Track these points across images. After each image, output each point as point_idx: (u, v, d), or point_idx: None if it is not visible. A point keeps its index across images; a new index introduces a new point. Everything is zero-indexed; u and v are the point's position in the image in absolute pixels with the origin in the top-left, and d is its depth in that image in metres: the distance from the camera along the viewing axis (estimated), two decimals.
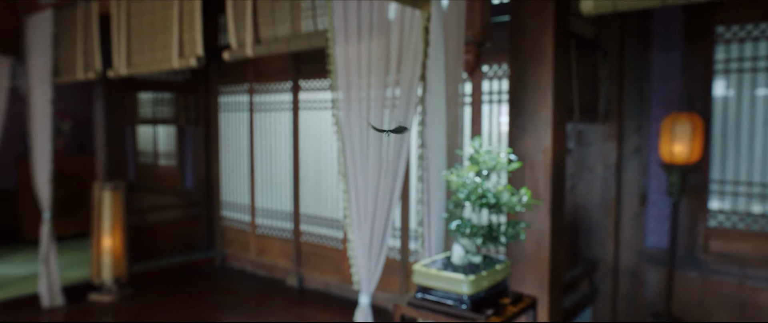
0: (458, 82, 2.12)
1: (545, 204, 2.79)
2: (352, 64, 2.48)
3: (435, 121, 1.97)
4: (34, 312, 4.78)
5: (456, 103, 2.13)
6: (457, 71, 2.10)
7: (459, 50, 2.11)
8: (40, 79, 4.72)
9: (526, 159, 2.82)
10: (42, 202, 4.88)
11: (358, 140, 2.48)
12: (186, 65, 3.43)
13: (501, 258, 1.77)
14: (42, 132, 4.78)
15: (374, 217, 2.45)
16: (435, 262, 1.75)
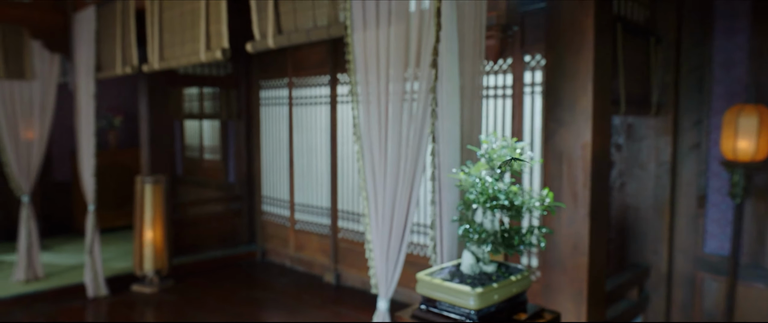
0: (478, 70, 1.92)
1: (584, 205, 2.53)
2: (370, 53, 2.32)
3: (448, 112, 1.78)
4: (80, 301, 4.92)
5: (475, 94, 1.93)
6: (476, 58, 1.90)
7: (479, 34, 1.91)
8: (85, 74, 4.84)
9: (563, 155, 2.57)
10: (86, 195, 5.01)
11: (376, 136, 2.32)
12: (212, 58, 3.38)
13: (519, 268, 1.57)
14: (86, 126, 4.90)
15: (392, 218, 2.29)
16: (442, 270, 1.57)
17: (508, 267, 1.58)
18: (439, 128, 1.84)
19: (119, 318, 4.59)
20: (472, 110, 1.92)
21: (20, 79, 4.94)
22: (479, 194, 1.43)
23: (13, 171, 5.02)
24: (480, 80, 1.94)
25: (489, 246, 1.46)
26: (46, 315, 4.61)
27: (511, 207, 1.47)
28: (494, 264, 1.54)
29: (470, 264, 1.51)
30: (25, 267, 5.08)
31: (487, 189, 1.43)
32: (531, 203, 1.51)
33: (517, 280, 1.49)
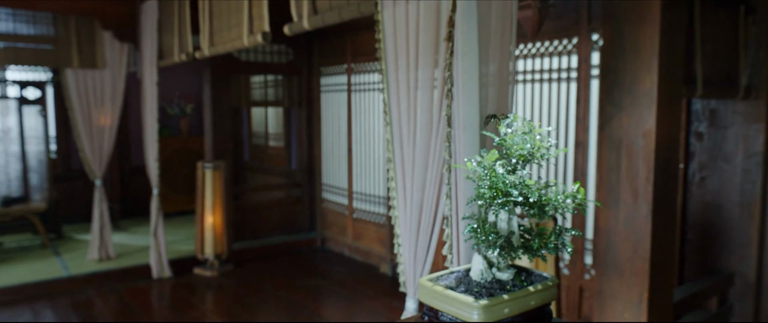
0: (507, 52, 1.66)
1: (645, 202, 2.20)
2: (400, 32, 2.11)
3: (465, 93, 1.54)
4: (145, 281, 5.13)
5: (503, 78, 1.67)
6: (504, 37, 1.64)
7: (508, 10, 1.64)
8: (149, 62, 4.98)
9: (622, 144, 2.24)
10: (151, 179, 5.19)
11: (405, 122, 2.12)
12: (254, 42, 3.31)
13: (543, 276, 1.33)
14: (150, 113, 5.06)
15: (421, 212, 2.09)
16: (449, 275, 1.36)
17: (530, 274, 1.34)
18: (455, 111, 1.61)
19: (178, 299, 4.72)
20: (498, 95, 1.68)
21: (92, 68, 5.18)
22: (488, 188, 1.22)
23: (87, 156, 5.29)
24: (509, 64, 1.68)
25: (495, 250, 1.24)
26: (115, 292, 4.83)
27: (529, 205, 1.24)
28: (511, 270, 1.31)
29: (480, 269, 1.29)
30: (98, 247, 5.36)
31: (496, 182, 1.21)
32: (557, 200, 1.26)
33: (536, 291, 1.25)
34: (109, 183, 7.01)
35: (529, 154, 1.26)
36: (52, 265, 5.28)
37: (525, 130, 1.27)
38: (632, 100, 2.19)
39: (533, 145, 1.26)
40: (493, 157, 1.24)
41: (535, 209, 1.28)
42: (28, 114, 6.23)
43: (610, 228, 2.33)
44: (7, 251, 5.79)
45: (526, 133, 1.27)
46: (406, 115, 2.11)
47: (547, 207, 1.27)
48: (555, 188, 1.31)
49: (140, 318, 4.25)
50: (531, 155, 1.27)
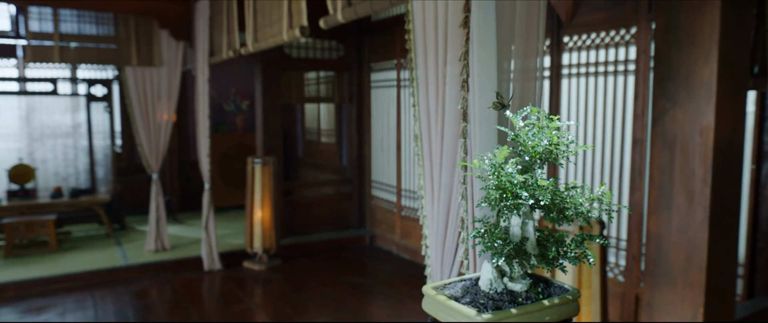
0: (534, 41, 1.51)
1: (702, 207, 1.97)
2: (429, 24, 2.00)
3: (483, 85, 1.41)
4: (196, 273, 5.27)
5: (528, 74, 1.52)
6: (530, 24, 1.49)
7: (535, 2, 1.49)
8: (201, 60, 5.10)
9: (676, 142, 2.03)
10: (203, 174, 5.32)
11: (434, 119, 2.01)
12: (293, 37, 3.28)
13: (564, 288, 1.19)
14: (202, 109, 5.18)
15: (448, 213, 1.97)
16: (456, 284, 1.24)
17: (550, 285, 1.20)
18: (471, 104, 1.48)
19: (225, 292, 4.81)
20: (523, 91, 1.53)
21: (150, 66, 5.37)
22: (495, 189, 1.09)
23: (144, 151, 5.50)
24: (536, 59, 1.53)
25: (499, 259, 1.11)
26: (167, 283, 4.99)
27: (544, 208, 1.10)
28: (526, 280, 1.17)
29: (489, 279, 1.16)
30: (154, 238, 5.57)
31: (504, 182, 1.08)
32: (579, 204, 1.11)
33: (553, 305, 1.11)
34: (169, 177, 7.28)
35: (547, 151, 1.12)
36: (112, 254, 5.53)
37: (540, 125, 1.13)
38: (688, 94, 1.97)
39: (551, 141, 1.12)
40: (503, 154, 1.11)
41: (554, 213, 1.14)
42: (96, 110, 6.57)
43: (661, 235, 2.11)
44: (75, 239, 6.13)
45: (541, 128, 1.13)
46: (434, 110, 1.99)
47: (567, 211, 1.13)
48: (579, 190, 1.16)
49: (188, 309, 4.35)
50: (548, 152, 1.13)
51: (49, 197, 5.97)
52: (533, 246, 1.17)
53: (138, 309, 4.39)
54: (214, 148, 7.47)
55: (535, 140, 1.13)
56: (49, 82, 6.27)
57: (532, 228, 1.16)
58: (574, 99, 3.82)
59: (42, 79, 6.28)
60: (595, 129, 3.69)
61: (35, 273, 4.92)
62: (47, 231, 5.54)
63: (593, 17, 3.61)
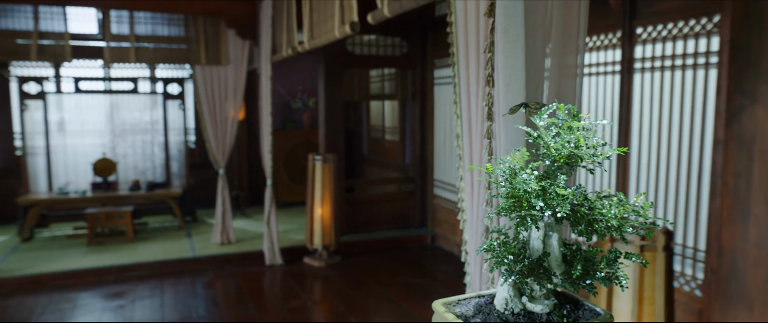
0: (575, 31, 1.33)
1: None
2: (470, 16, 1.87)
3: (509, 81, 1.25)
4: (257, 267, 5.39)
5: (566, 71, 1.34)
6: (569, 12, 1.31)
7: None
8: (265, 58, 5.20)
9: (754, 143, 1.77)
10: (265, 170, 5.42)
11: (474, 118, 1.87)
12: (344, 33, 3.23)
13: (595, 310, 1.03)
14: (265, 106, 5.28)
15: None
16: (471, 300, 1.12)
17: (579, 306, 1.05)
18: (496, 101, 1.33)
19: (284, 287, 4.87)
20: (560, 89, 1.36)
21: (217, 64, 5.55)
22: (506, 197, 0.95)
23: (211, 147, 5.69)
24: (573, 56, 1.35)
25: (510, 276, 0.97)
26: (230, 276, 5.14)
27: (569, 220, 0.95)
28: (549, 301, 1.03)
29: (505, 297, 1.03)
30: (220, 232, 5.76)
31: (518, 189, 0.94)
32: (611, 216, 0.96)
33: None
34: (238, 172, 7.52)
35: (572, 154, 0.97)
36: (182, 246, 5.78)
37: (566, 124, 0.98)
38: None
39: (576, 143, 0.97)
40: (519, 158, 0.98)
41: (582, 226, 0.99)
42: (171, 108, 6.90)
43: (735, 249, 1.86)
44: (150, 230, 6.48)
45: (565, 129, 0.98)
46: (474, 109, 1.86)
47: (597, 224, 0.98)
48: (614, 200, 1.00)
49: (247, 303, 4.44)
50: (574, 156, 0.98)
51: (128, 189, 6.33)
52: (558, 262, 1.03)
53: (200, 300, 4.54)
54: (281, 144, 7.64)
55: (557, 142, 0.98)
56: (130, 81, 6.65)
57: (556, 242, 1.02)
58: (648, 95, 3.50)
59: (123, 78, 6.67)
60: (671, 128, 3.36)
61: (112, 260, 5.22)
62: (125, 222, 5.87)
63: (671, 5, 3.28)
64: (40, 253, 5.46)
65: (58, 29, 5.06)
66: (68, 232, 6.20)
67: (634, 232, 0.98)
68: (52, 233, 6.24)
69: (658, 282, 2.21)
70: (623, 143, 3.69)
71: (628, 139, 3.70)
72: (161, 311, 4.26)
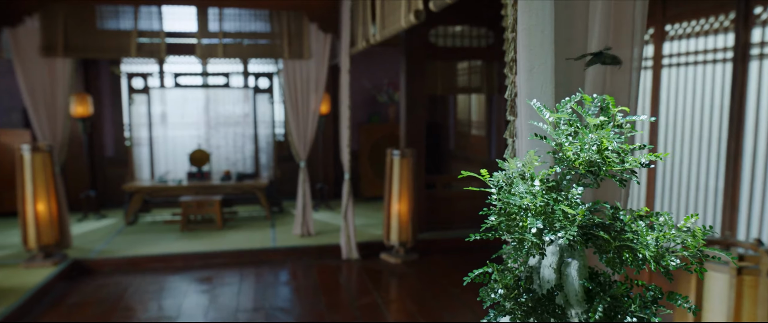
0: (629, 19, 1.05)
1: None
2: None
3: (531, 67, 1.01)
4: (334, 260, 5.40)
5: (620, 54, 1.07)
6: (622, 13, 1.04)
7: None
8: (344, 51, 5.16)
9: None
10: (343, 164, 5.40)
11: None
12: (409, 22, 3.07)
13: None
14: (344, 100, 5.25)
15: None
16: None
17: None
18: (520, 91, 1.09)
19: (357, 282, 4.83)
20: (612, 84, 1.09)
21: (300, 58, 5.61)
22: (497, 214, 0.75)
23: (293, 140, 5.78)
24: (628, 49, 1.08)
25: (500, 316, 0.76)
26: (307, 268, 5.19)
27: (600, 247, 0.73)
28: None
29: None
30: (300, 224, 5.84)
31: (508, 204, 0.73)
32: (642, 241, 0.72)
33: None
34: (322, 165, 7.62)
35: (593, 161, 0.75)
36: (265, 236, 5.94)
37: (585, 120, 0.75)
38: None
39: (600, 146, 0.74)
40: (529, 163, 0.77)
41: (611, 254, 0.76)
42: (261, 101, 7.12)
43: None
44: (239, 219, 6.75)
45: (581, 127, 0.75)
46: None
47: (627, 252, 0.74)
48: (659, 221, 0.75)
49: (319, 296, 4.45)
50: (598, 163, 0.75)
51: (219, 180, 6.64)
52: (578, 298, 0.80)
53: (275, 291, 4.62)
54: (366, 138, 7.63)
55: (574, 145, 0.76)
56: (223, 76, 6.96)
57: (576, 272, 0.80)
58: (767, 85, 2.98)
59: (217, 73, 6.99)
60: None
61: (199, 247, 5.49)
62: (214, 210, 6.15)
63: None
64: (139, 236, 5.88)
65: (155, 28, 5.37)
66: (166, 218, 6.63)
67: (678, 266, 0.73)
68: (153, 218, 6.71)
69: (760, 313, 1.83)
70: (734, 142, 3.19)
71: (741, 137, 3.18)
72: (237, 299, 4.38)
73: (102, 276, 4.93)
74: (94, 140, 7.12)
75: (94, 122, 6.98)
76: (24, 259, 4.91)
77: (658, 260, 0.74)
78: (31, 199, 4.75)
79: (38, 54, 5.06)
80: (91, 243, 5.59)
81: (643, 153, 0.75)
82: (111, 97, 7.28)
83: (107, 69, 7.16)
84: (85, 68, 6.96)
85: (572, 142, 0.76)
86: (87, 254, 5.19)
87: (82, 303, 4.29)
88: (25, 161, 4.73)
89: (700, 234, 0.73)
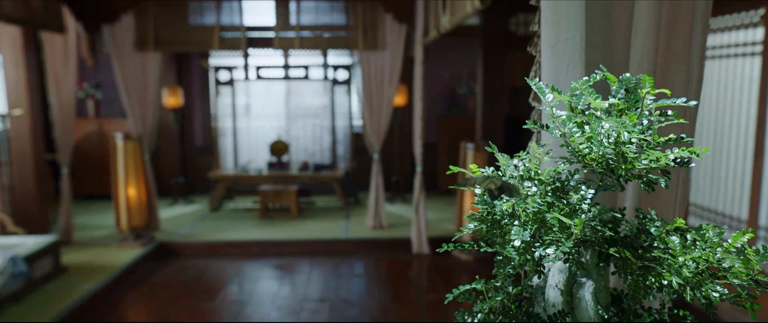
0: (689, 7, 0.84)
1: None
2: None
3: (558, 42, 0.83)
4: (404, 254, 5.32)
5: (675, 46, 0.85)
6: None
7: None
8: (418, 42, 5.04)
9: None
10: (415, 156, 5.30)
11: None
12: (474, 9, 2.89)
13: None
14: (417, 91, 5.14)
15: None
16: None
17: None
18: (544, 73, 0.91)
19: (425, 279, 4.72)
20: (663, 74, 0.88)
21: (374, 49, 5.56)
22: (478, 219, 0.60)
23: (367, 131, 5.76)
24: (687, 41, 0.87)
25: None
26: (377, 260, 5.16)
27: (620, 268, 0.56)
28: None
29: None
30: (373, 216, 5.82)
31: (489, 210, 0.58)
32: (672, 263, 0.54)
33: None
34: (399, 157, 7.55)
35: (605, 157, 0.59)
36: (338, 227, 5.99)
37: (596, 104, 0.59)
38: None
39: (617, 140, 0.57)
40: (535, 158, 0.62)
41: (634, 276, 0.60)
42: (338, 93, 7.18)
43: None
44: (316, 209, 6.86)
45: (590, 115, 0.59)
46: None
47: (653, 275, 0.57)
48: (698, 236, 0.58)
49: (385, 291, 4.40)
50: (610, 158, 0.59)
51: (297, 170, 6.78)
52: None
53: (342, 282, 4.63)
54: (445, 130, 7.46)
55: (583, 136, 0.61)
56: (303, 68, 7.08)
57: (590, 296, 0.64)
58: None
59: (296, 65, 7.13)
60: None
61: (275, 235, 5.63)
62: (290, 200, 6.30)
63: None
64: (220, 223, 6.15)
65: (236, 22, 5.55)
66: (247, 205, 6.89)
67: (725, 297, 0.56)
68: (235, 205, 6.99)
69: None
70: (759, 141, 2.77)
71: None
72: (305, 288, 4.43)
73: (184, 258, 5.20)
74: (185, 130, 7.55)
75: (184, 113, 7.39)
76: (117, 239, 5.29)
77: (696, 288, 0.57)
78: (123, 184, 5.10)
79: (132, 48, 5.40)
80: (177, 227, 5.92)
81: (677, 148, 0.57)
82: (200, 89, 7.67)
83: (197, 63, 7.54)
84: (178, 62, 7.38)
85: (582, 132, 0.61)
86: (172, 237, 5.50)
87: (163, 283, 4.54)
88: (118, 148, 5.08)
89: (754, 258, 0.55)
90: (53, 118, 5.04)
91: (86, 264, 4.65)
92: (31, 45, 4.76)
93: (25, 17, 4.34)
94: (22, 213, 4.81)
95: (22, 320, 3.58)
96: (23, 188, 4.82)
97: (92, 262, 4.71)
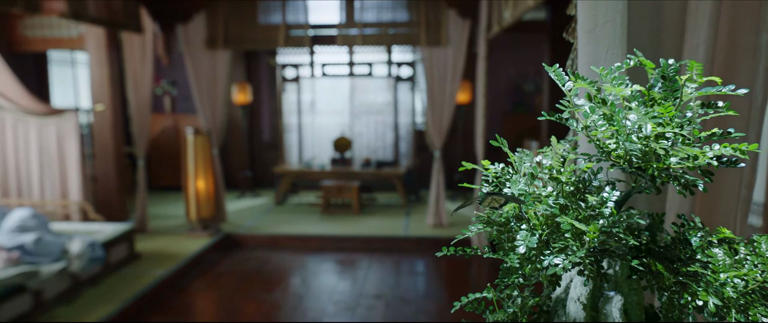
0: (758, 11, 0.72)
1: None
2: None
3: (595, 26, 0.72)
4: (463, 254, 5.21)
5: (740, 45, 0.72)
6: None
7: None
8: (481, 37, 4.92)
9: None
10: (476, 155, 5.17)
11: None
12: (536, 1, 2.76)
13: None
14: (479, 87, 5.01)
15: None
16: None
17: None
18: (581, 61, 0.81)
19: (486, 279, 4.60)
20: (727, 68, 0.76)
21: (437, 45, 5.48)
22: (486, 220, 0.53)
23: (429, 128, 5.69)
24: (754, 34, 0.75)
25: None
26: (437, 259, 5.10)
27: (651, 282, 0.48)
28: None
29: None
30: (433, 214, 5.75)
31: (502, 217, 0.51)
32: (718, 281, 0.46)
33: None
34: (462, 155, 7.42)
35: (630, 154, 0.50)
36: (398, 224, 5.97)
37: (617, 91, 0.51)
38: None
39: (646, 134, 0.49)
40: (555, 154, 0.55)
41: (668, 293, 0.51)
42: (402, 90, 7.15)
43: None
44: (377, 206, 6.88)
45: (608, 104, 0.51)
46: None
47: (688, 293, 0.49)
48: (757, 249, 0.49)
49: (440, 291, 4.33)
50: (633, 156, 0.50)
51: (360, 166, 6.82)
52: None
53: (398, 280, 4.60)
54: (510, 128, 7.26)
55: (606, 130, 0.53)
56: (367, 65, 7.11)
57: (618, 311, 0.57)
58: None
59: (361, 62, 7.17)
60: None
61: (335, 230, 5.70)
62: (352, 195, 6.34)
63: None
64: (284, 216, 6.30)
65: (301, 21, 5.65)
66: (311, 200, 7.02)
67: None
68: (299, 200, 7.15)
69: None
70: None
71: None
72: (362, 284, 4.45)
73: (247, 250, 5.37)
74: (253, 125, 7.79)
75: (253, 109, 7.63)
76: (186, 229, 5.54)
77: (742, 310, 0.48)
78: (192, 177, 5.33)
79: (203, 47, 5.63)
80: (242, 219, 6.13)
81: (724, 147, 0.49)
82: (268, 86, 7.89)
83: (265, 61, 7.76)
84: (247, 60, 7.63)
85: (609, 125, 0.53)
86: (238, 229, 5.69)
87: (227, 273, 4.71)
88: (188, 143, 5.31)
89: None
90: (131, 113, 5.35)
91: (158, 252, 4.91)
92: (112, 44, 5.07)
93: (107, 18, 4.63)
94: (103, 202, 5.14)
95: (98, 301, 3.82)
96: (105, 178, 5.15)
97: (163, 250, 4.96)
